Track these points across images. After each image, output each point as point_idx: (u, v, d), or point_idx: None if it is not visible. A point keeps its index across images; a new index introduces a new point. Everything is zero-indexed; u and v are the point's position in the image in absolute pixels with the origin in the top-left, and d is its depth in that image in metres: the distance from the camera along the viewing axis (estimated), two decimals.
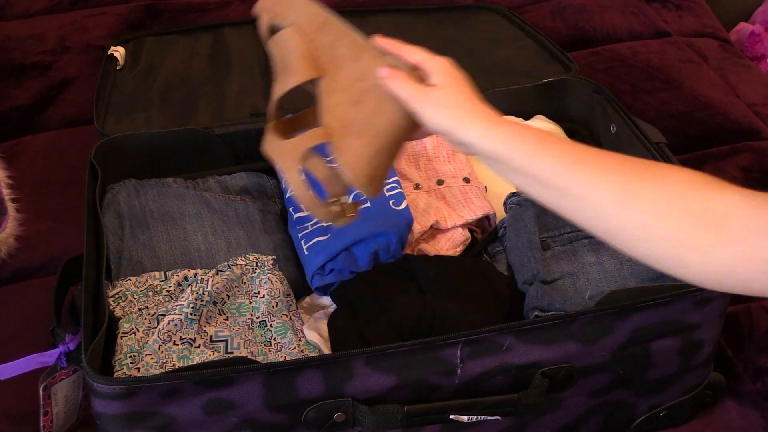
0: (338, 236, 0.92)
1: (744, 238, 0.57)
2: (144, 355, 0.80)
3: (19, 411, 0.91)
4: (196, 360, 0.82)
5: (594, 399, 0.87)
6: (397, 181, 0.98)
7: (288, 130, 0.78)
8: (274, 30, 0.79)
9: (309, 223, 0.96)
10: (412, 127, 0.74)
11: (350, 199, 0.78)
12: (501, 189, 1.06)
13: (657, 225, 0.60)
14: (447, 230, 1.00)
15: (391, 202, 0.95)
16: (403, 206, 0.94)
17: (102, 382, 0.71)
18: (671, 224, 0.60)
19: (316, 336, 0.84)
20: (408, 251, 0.96)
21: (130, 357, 0.81)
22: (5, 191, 1.16)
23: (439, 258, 0.94)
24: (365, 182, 0.72)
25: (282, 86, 0.77)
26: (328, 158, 0.75)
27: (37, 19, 1.55)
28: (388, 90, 0.72)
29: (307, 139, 0.74)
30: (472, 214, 1.01)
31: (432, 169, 1.08)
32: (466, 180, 1.05)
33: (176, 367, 0.80)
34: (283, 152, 0.74)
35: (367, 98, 0.73)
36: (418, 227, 0.97)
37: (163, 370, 0.79)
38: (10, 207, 1.14)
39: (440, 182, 1.06)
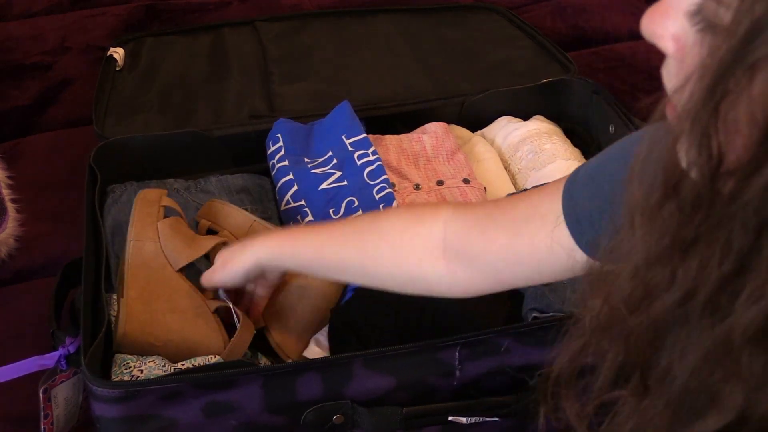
0: None
1: (461, 253, 0.67)
2: (147, 362, 0.81)
3: (19, 413, 0.91)
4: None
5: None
6: (385, 180, 0.97)
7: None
8: (211, 233, 0.98)
9: None
10: (332, 305, 0.89)
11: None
12: (500, 190, 1.06)
13: (400, 273, 0.72)
14: None
15: (381, 206, 0.94)
16: None
17: (101, 386, 0.71)
18: (409, 269, 0.71)
19: (316, 351, 0.85)
20: None
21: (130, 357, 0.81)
22: (5, 191, 1.16)
23: None
24: (296, 357, 0.88)
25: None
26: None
27: (37, 20, 1.55)
28: None
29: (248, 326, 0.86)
30: None
31: (432, 169, 1.08)
32: (466, 181, 1.05)
33: (178, 365, 0.80)
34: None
35: (291, 287, 0.89)
36: None
37: (166, 370, 0.79)
38: (10, 207, 1.14)
39: (440, 183, 1.06)
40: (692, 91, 0.35)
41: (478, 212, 0.69)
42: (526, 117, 1.18)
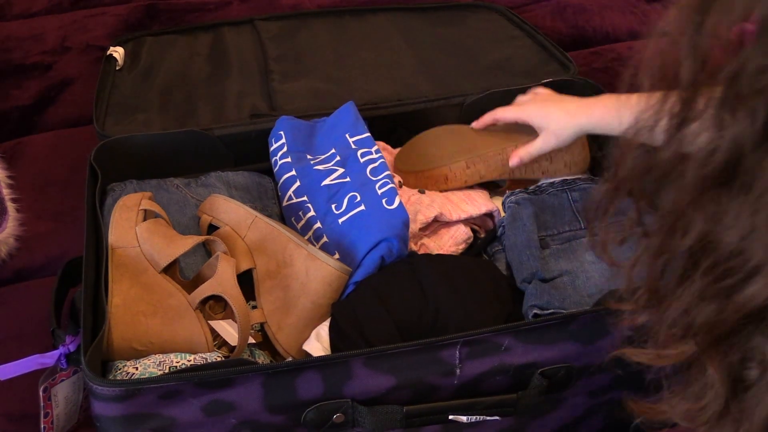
0: (343, 258, 0.93)
1: None
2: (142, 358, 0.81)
3: (20, 412, 0.91)
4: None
5: (593, 398, 0.87)
6: (388, 176, 0.97)
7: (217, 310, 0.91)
8: (212, 228, 0.98)
9: (309, 237, 0.97)
10: (332, 301, 0.89)
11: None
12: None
13: None
14: (450, 226, 1.00)
15: (384, 201, 0.94)
16: (396, 204, 0.93)
17: (101, 384, 0.71)
18: None
19: (316, 346, 0.85)
20: (410, 245, 0.95)
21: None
22: (5, 191, 1.16)
23: (441, 257, 0.94)
24: (295, 353, 0.87)
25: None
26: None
27: (37, 19, 1.55)
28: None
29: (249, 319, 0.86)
30: (476, 209, 1.01)
31: None
32: None
33: (174, 363, 0.80)
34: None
35: (292, 283, 0.89)
36: (421, 218, 0.97)
37: (162, 369, 0.79)
38: (10, 207, 1.14)
39: None
40: None
41: None
42: None
